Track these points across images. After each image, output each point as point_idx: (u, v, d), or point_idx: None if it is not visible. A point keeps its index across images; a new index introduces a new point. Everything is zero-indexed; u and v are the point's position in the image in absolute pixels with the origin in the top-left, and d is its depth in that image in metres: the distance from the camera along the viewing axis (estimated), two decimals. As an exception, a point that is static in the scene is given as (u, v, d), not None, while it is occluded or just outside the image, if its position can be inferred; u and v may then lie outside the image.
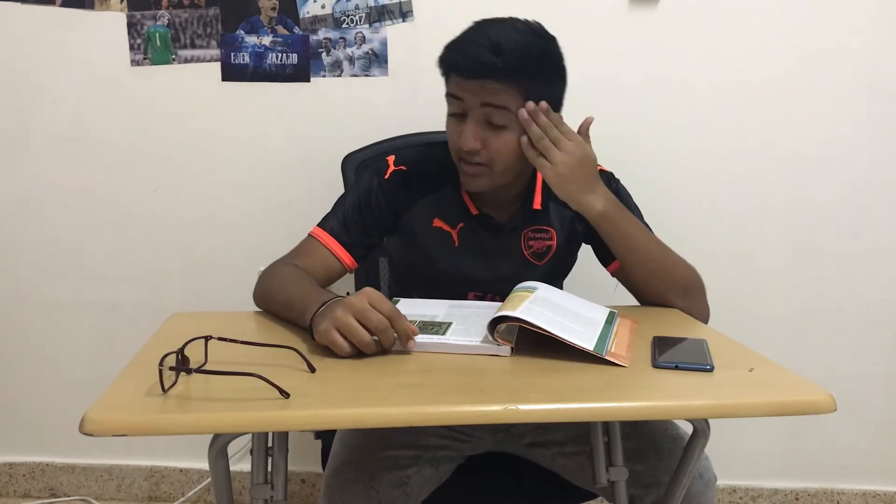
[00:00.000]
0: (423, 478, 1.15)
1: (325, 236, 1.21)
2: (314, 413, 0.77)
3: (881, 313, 1.80)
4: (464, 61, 1.09)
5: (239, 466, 1.58)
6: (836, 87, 1.70)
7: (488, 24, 1.12)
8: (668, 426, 1.18)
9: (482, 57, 1.07)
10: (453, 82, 1.13)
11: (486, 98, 1.09)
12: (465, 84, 1.10)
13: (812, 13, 1.67)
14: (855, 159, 1.73)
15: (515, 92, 1.09)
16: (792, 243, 1.78)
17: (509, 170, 1.16)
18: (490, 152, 1.12)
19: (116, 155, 1.77)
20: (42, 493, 1.95)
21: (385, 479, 1.10)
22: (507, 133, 1.12)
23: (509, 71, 1.07)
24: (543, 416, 0.79)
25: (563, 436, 1.20)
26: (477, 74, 1.08)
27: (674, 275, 1.18)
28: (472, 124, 1.11)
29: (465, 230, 1.24)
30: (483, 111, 1.10)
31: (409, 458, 1.14)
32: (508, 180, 1.18)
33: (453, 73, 1.12)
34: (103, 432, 0.71)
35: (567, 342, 0.91)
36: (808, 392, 0.82)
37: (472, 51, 1.08)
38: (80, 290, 1.84)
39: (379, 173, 1.24)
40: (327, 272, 1.19)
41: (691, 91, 1.71)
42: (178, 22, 1.69)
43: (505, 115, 1.10)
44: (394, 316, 0.91)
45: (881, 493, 1.89)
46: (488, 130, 1.11)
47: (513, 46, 1.07)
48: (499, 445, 1.25)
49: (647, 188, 1.40)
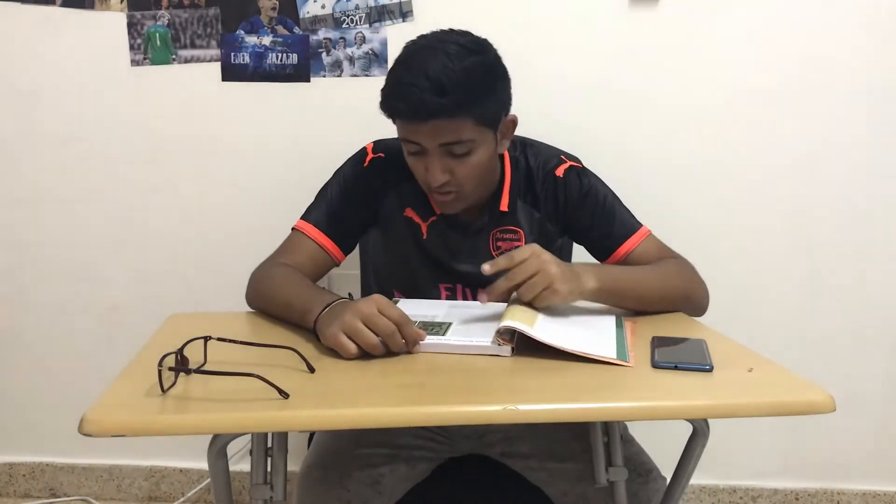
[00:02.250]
0: (397, 476, 1.13)
1: (311, 228, 1.20)
2: (314, 413, 0.77)
3: (881, 313, 1.80)
4: (408, 108, 1.05)
5: (239, 467, 1.58)
6: (836, 87, 1.70)
7: (419, 57, 1.07)
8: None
9: (426, 101, 1.03)
10: (403, 127, 1.10)
11: (441, 138, 1.07)
12: (417, 128, 1.07)
13: (812, 13, 1.66)
14: (855, 159, 1.73)
15: (467, 121, 1.07)
16: (792, 243, 1.78)
17: (480, 186, 1.17)
18: (459, 179, 1.12)
19: (116, 155, 1.77)
20: (42, 493, 1.95)
21: (356, 477, 1.09)
22: (471, 157, 1.10)
23: (457, 106, 1.04)
24: (543, 416, 0.79)
25: (529, 449, 1.19)
26: (424, 118, 1.05)
27: (674, 295, 1.16)
28: (436, 160, 1.09)
29: (435, 224, 1.24)
30: (443, 148, 1.08)
31: (383, 456, 1.13)
32: (480, 193, 1.19)
33: (400, 119, 1.09)
34: (103, 433, 0.71)
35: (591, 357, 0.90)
36: (807, 392, 0.82)
37: (413, 95, 1.03)
38: (80, 290, 1.83)
39: (358, 161, 1.25)
40: (316, 266, 1.19)
41: (691, 91, 1.70)
42: (178, 22, 1.69)
43: (464, 144, 1.08)
44: (402, 322, 0.91)
45: (881, 493, 1.89)
46: (451, 160, 1.10)
47: (455, 80, 1.03)
48: (476, 450, 1.24)
49: (647, 188, 1.41)
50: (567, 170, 1.24)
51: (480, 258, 1.17)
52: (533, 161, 1.25)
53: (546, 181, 1.24)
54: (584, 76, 1.69)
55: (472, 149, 1.09)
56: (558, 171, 1.24)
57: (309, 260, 1.18)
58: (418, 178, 1.16)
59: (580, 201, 1.23)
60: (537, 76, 1.63)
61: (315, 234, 1.19)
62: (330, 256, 1.20)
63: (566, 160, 1.26)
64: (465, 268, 1.23)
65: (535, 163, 1.25)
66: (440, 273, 1.25)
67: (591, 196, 1.24)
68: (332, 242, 1.20)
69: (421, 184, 1.17)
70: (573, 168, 1.25)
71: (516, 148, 1.26)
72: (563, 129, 1.43)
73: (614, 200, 1.26)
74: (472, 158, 1.10)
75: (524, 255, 1.01)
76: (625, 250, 1.22)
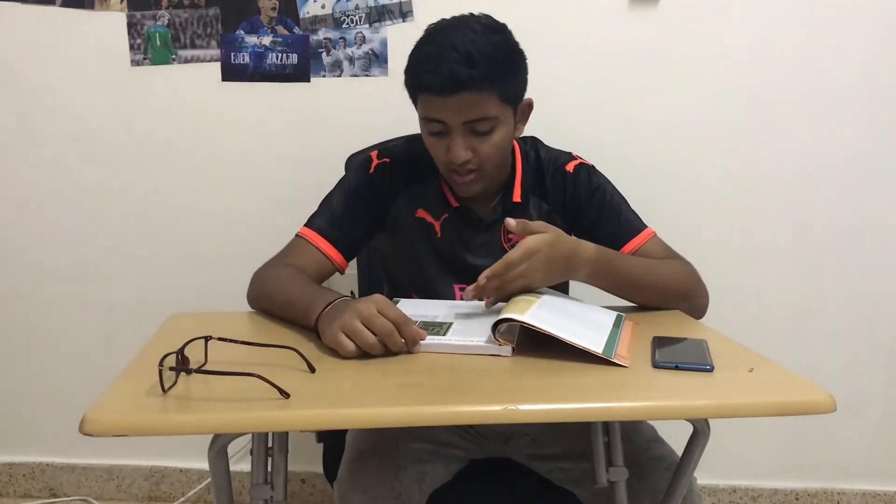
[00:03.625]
0: (436, 475, 1.14)
1: (314, 235, 1.20)
2: (314, 413, 0.77)
3: (881, 313, 1.80)
4: (438, 80, 1.07)
5: (239, 466, 1.58)
6: (836, 87, 1.70)
7: (446, 34, 1.09)
8: (651, 445, 1.17)
9: (457, 72, 1.05)
10: (429, 104, 1.11)
11: (467, 115, 1.09)
12: (443, 102, 1.08)
13: (812, 13, 1.67)
14: (855, 159, 1.73)
15: (492, 96, 1.09)
16: (792, 243, 1.78)
17: (498, 165, 1.18)
18: (480, 157, 1.13)
19: (116, 155, 1.77)
20: (42, 493, 1.95)
21: (408, 470, 1.10)
22: (493, 135, 1.12)
23: (486, 79, 1.06)
24: (543, 416, 0.79)
25: (559, 451, 1.20)
26: (454, 90, 1.06)
27: (671, 289, 1.17)
28: (459, 137, 1.11)
29: (447, 222, 1.25)
30: (466, 126, 1.10)
31: (427, 453, 1.14)
32: (497, 177, 1.20)
33: (427, 93, 1.10)
34: (103, 432, 0.71)
35: (576, 346, 0.90)
36: (808, 392, 0.82)
37: (443, 67, 1.05)
38: (80, 290, 1.84)
39: (363, 168, 1.25)
40: (319, 272, 1.19)
41: (691, 91, 1.71)
42: (178, 22, 1.69)
43: (487, 121, 1.10)
44: (401, 322, 0.91)
45: (881, 493, 1.89)
46: (474, 138, 1.12)
47: (483, 53, 1.06)
48: (502, 452, 1.25)
49: (647, 188, 1.41)
50: (577, 166, 1.27)
51: (494, 251, 1.19)
52: (544, 155, 1.28)
53: (556, 175, 1.26)
54: (584, 76, 1.69)
55: (495, 127, 1.11)
56: (568, 166, 1.26)
57: (312, 265, 1.18)
58: (438, 160, 1.16)
59: (588, 197, 1.25)
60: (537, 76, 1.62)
61: (318, 240, 1.20)
62: (332, 263, 1.21)
63: (577, 158, 1.28)
64: (479, 261, 1.23)
65: (545, 157, 1.28)
66: (455, 272, 1.25)
67: (599, 193, 1.25)
68: (335, 249, 1.20)
69: (441, 167, 1.17)
70: (583, 165, 1.27)
71: (527, 143, 1.29)
72: (562, 129, 1.44)
73: (621, 201, 1.28)
74: (493, 137, 1.12)
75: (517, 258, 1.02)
76: (628, 249, 1.23)
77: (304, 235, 1.21)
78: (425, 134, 1.16)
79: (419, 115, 1.15)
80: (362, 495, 1.06)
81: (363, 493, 1.06)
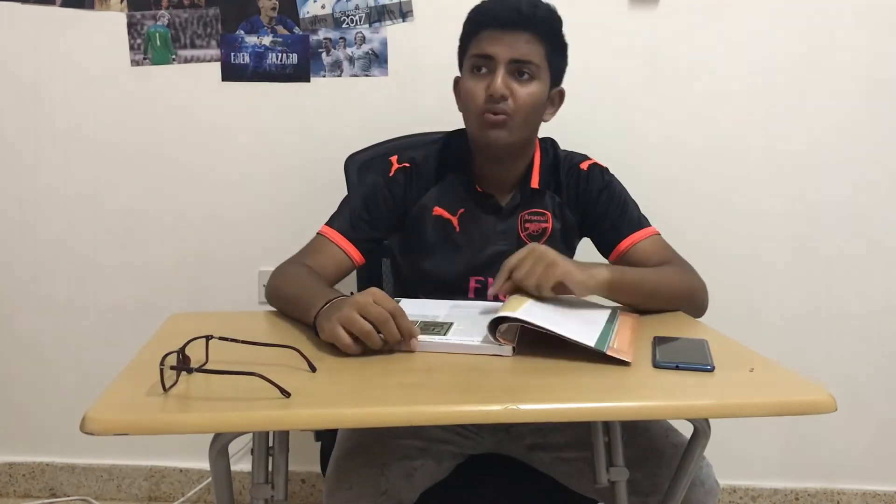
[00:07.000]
0: (427, 472, 1.15)
1: (334, 234, 1.25)
2: (315, 412, 0.77)
3: (881, 313, 1.80)
4: (504, 12, 1.16)
5: (239, 466, 1.58)
6: (836, 86, 1.70)
7: None
8: (669, 433, 1.18)
9: (522, 7, 1.15)
10: (485, 39, 1.18)
11: (516, 53, 1.16)
12: (499, 38, 1.16)
13: (811, 13, 1.67)
14: (855, 159, 1.73)
15: (541, 49, 1.17)
16: (792, 243, 1.78)
17: (527, 123, 1.22)
18: (516, 102, 1.18)
19: (116, 154, 1.77)
20: (42, 493, 1.95)
21: (395, 467, 1.10)
22: (533, 84, 1.18)
23: (543, 24, 1.17)
24: (544, 415, 0.79)
25: (564, 440, 1.20)
26: (515, 25, 1.15)
27: (678, 296, 1.19)
28: (501, 74, 1.16)
29: (465, 215, 1.28)
30: (512, 66, 1.16)
31: (417, 449, 1.15)
32: (524, 135, 1.23)
33: (487, 27, 1.17)
34: (104, 431, 0.71)
35: (567, 339, 0.91)
36: (808, 392, 0.82)
37: (511, 2, 1.15)
38: (80, 290, 1.84)
39: (383, 172, 1.29)
40: (338, 268, 1.23)
41: (691, 91, 1.71)
42: (178, 22, 1.69)
43: (532, 68, 1.17)
44: (396, 313, 0.92)
45: (881, 493, 1.89)
46: (515, 81, 1.17)
47: (545, 7, 1.18)
48: (499, 447, 1.25)
49: (647, 188, 1.41)
50: (592, 165, 1.32)
51: (511, 240, 1.27)
52: (561, 153, 1.33)
53: (571, 171, 1.31)
54: (584, 76, 1.69)
55: (535, 77, 1.18)
56: (583, 164, 1.31)
57: (331, 261, 1.23)
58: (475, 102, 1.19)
59: (598, 194, 1.29)
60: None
61: (338, 238, 1.24)
62: (351, 260, 1.25)
63: (592, 159, 1.33)
64: (498, 248, 1.27)
65: (562, 155, 1.33)
66: (472, 266, 1.28)
67: (608, 190, 1.30)
68: (354, 247, 1.24)
69: (475, 112, 1.20)
70: (597, 165, 1.32)
71: (546, 142, 1.34)
72: (562, 129, 1.43)
73: (629, 199, 1.31)
74: (531, 86, 1.18)
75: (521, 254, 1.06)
76: (628, 243, 1.26)
77: (325, 234, 1.25)
78: (468, 78, 1.21)
79: (468, 57, 1.20)
80: (348, 492, 1.07)
81: (349, 490, 1.07)
